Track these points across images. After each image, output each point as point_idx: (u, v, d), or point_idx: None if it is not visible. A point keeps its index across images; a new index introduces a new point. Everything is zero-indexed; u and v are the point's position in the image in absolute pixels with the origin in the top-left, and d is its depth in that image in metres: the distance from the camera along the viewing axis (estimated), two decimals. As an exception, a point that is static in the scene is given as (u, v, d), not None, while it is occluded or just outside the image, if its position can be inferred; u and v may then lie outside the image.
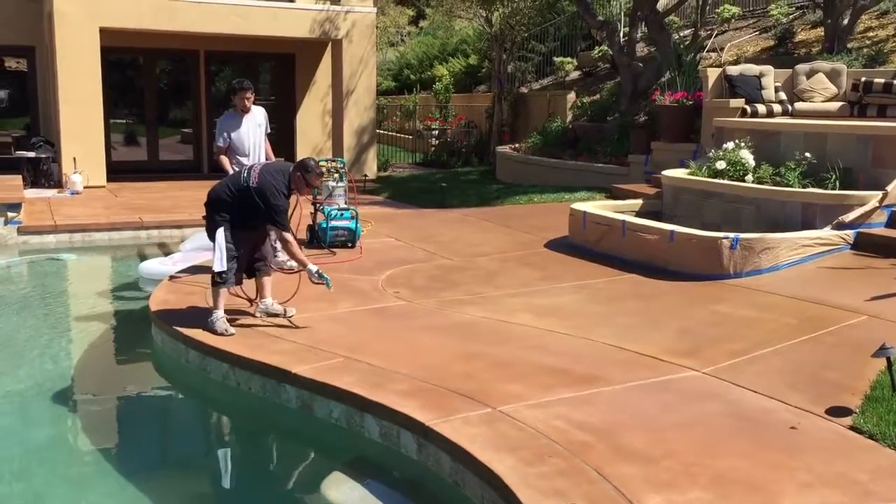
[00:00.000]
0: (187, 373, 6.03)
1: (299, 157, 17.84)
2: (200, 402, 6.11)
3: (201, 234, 9.65)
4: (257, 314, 6.28)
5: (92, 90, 14.45)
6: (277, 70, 18.18)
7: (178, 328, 6.10)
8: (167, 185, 15.10)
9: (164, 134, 17.64)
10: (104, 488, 4.62)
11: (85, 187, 14.10)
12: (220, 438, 5.73)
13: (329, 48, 17.37)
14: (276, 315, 6.21)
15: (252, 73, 18.28)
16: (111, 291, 9.13)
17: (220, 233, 5.87)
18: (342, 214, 9.11)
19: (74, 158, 14.37)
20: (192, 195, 13.61)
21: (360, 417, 4.79)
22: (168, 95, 17.89)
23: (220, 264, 5.83)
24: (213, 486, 4.87)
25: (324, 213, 9.13)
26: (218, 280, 5.91)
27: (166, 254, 9.81)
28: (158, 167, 17.01)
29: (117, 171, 15.70)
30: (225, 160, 7.44)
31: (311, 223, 9.33)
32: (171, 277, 7.76)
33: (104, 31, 14.56)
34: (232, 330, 5.91)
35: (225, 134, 7.41)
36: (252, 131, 7.51)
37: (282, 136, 18.10)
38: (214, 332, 5.86)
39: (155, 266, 8.94)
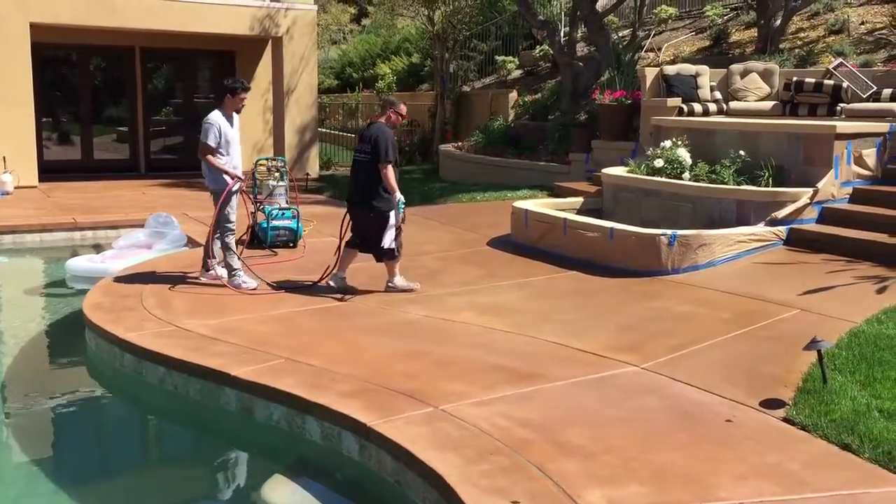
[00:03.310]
0: (122, 377, 5.88)
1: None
2: (136, 407, 5.97)
3: (137, 232, 9.47)
4: (405, 284, 7.04)
5: (22, 87, 14.00)
6: (217, 67, 17.85)
7: (113, 331, 5.95)
8: (102, 185, 14.72)
9: (100, 132, 17.18)
10: (36, 499, 4.48)
11: (15, 187, 13.64)
12: (157, 444, 5.61)
13: (270, 45, 17.15)
14: (410, 289, 7.01)
15: (191, 70, 17.95)
16: (43, 294, 8.86)
17: (393, 216, 6.77)
18: (283, 214, 9.01)
19: (4, 158, 13.89)
20: (129, 195, 13.32)
21: (301, 419, 4.74)
22: (103, 93, 17.41)
23: (394, 241, 6.82)
24: (151, 493, 4.75)
25: (265, 212, 9.01)
26: (397, 255, 6.91)
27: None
28: (93, 167, 16.53)
29: (50, 171, 15.23)
30: (214, 159, 7.14)
31: (251, 223, 9.20)
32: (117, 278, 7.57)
33: (35, 27, 14.12)
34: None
35: (217, 132, 7.17)
36: (236, 132, 7.40)
37: (221, 134, 17.82)
38: (411, 290, 6.98)
39: (83, 263, 8.69)
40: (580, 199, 10.07)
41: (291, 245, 8.93)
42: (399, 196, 6.80)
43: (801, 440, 4.09)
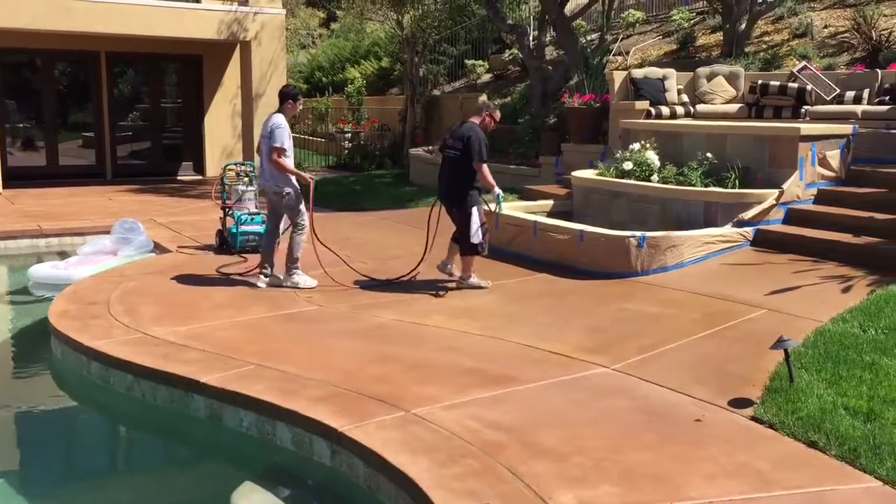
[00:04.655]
0: (89, 385, 5.79)
1: (208, 160, 17.53)
2: (104, 416, 5.89)
3: (102, 238, 9.36)
4: (463, 285, 7.26)
5: (-16, 92, 13.78)
6: (184, 71, 17.71)
7: (80, 339, 5.86)
8: (68, 192, 14.51)
9: (65, 138, 16.95)
10: (0, 510, 4.40)
11: (-22, 194, 13.43)
12: (125, 453, 5.54)
13: (238, 50, 17.04)
14: (481, 286, 7.27)
15: (157, 75, 17.78)
16: (7, 302, 8.71)
17: (475, 211, 7.08)
18: (253, 219, 8.94)
19: (-34, 164, 13.67)
20: (95, 201, 13.16)
21: (272, 425, 4.70)
22: (68, 98, 17.18)
23: (478, 237, 7.09)
24: (120, 502, 4.68)
25: (234, 217, 8.95)
26: (479, 251, 7.17)
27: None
28: (59, 173, 16.32)
29: (14, 178, 15.00)
30: (287, 162, 7.26)
31: (220, 228, 9.14)
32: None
33: (-3, 31, 13.93)
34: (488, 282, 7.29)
35: (289, 135, 7.32)
36: None
37: (189, 139, 17.67)
38: (480, 287, 7.19)
39: (46, 270, 8.55)
40: (550, 202, 10.10)
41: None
42: (498, 190, 7.24)
43: (770, 438, 4.14)
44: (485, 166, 7.07)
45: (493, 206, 7.51)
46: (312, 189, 7.41)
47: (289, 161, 7.27)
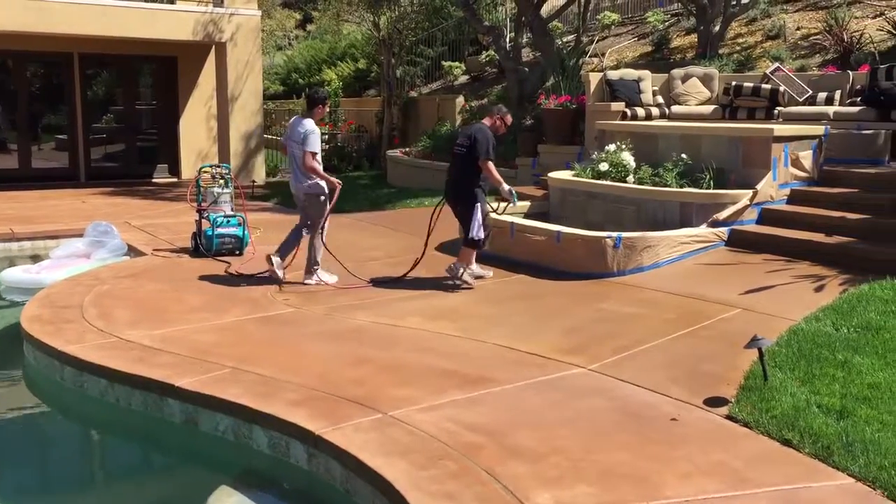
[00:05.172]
0: (62, 390, 5.72)
1: (183, 162, 17.40)
2: (77, 421, 5.82)
3: (75, 241, 9.25)
4: (467, 277, 7.37)
5: (-46, 94, 13.59)
6: (159, 73, 17.57)
7: (53, 344, 5.79)
8: (41, 195, 14.33)
9: (38, 140, 16.75)
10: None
11: (-51, 197, 13.23)
12: (99, 458, 5.48)
13: (213, 51, 16.93)
14: (483, 276, 7.58)
15: (131, 76, 17.63)
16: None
17: (478, 208, 7.21)
18: (228, 221, 8.89)
19: (-64, 167, 13.47)
20: (69, 204, 13.01)
21: (248, 429, 4.67)
22: (40, 100, 16.98)
23: (479, 232, 7.23)
24: (93, 508, 4.64)
25: (209, 220, 8.88)
26: (480, 245, 7.35)
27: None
28: (31, 175, 16.13)
29: (-15, 180, 14.82)
30: (319, 166, 7.41)
31: (195, 231, 9.06)
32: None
33: (-33, 32, 13.73)
34: (481, 279, 7.50)
35: (320, 140, 7.48)
36: None
37: (164, 141, 17.53)
38: (467, 284, 7.28)
39: (18, 274, 8.45)
40: (527, 203, 10.11)
41: (237, 253, 8.81)
42: (506, 186, 7.37)
43: (744, 437, 4.17)
44: (491, 164, 7.22)
45: (500, 206, 7.78)
46: (338, 192, 7.60)
47: (319, 166, 7.43)
